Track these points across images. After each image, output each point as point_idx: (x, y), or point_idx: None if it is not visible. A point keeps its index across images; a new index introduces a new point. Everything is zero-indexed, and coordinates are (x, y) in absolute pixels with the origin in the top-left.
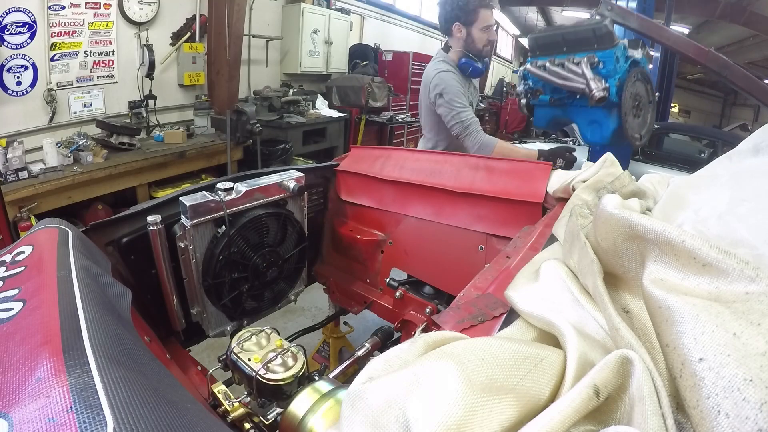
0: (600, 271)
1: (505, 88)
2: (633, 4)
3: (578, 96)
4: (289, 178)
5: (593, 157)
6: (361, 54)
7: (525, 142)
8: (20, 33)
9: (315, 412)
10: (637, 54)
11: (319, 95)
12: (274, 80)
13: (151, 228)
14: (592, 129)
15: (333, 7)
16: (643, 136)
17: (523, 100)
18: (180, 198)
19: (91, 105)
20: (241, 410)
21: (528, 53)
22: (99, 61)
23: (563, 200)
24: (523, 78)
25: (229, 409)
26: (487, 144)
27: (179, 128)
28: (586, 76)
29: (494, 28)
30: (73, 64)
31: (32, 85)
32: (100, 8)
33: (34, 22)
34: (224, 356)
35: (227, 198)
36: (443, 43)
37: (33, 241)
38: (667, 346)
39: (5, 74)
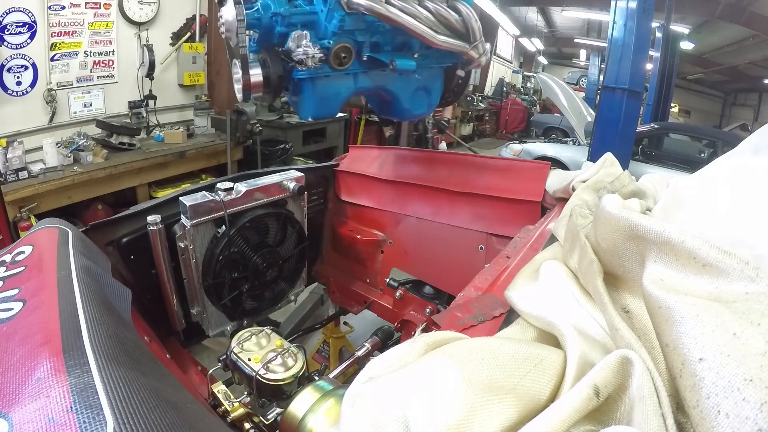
0: (600, 271)
1: (504, 88)
2: (633, 5)
3: (416, 55)
4: (289, 178)
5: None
6: None
7: (525, 143)
8: (20, 33)
9: (315, 412)
10: None
11: None
12: None
13: (151, 228)
14: (417, 98)
15: None
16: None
17: (257, 71)
18: (180, 198)
19: (91, 105)
20: (241, 410)
21: None
22: (99, 61)
23: (563, 200)
24: (285, 20)
25: (229, 409)
26: None
27: (179, 128)
28: (474, 27)
29: None
30: (73, 64)
31: (32, 85)
32: (100, 8)
33: (34, 22)
34: (224, 356)
35: (227, 198)
36: None
37: (33, 241)
38: (667, 346)
39: (5, 74)
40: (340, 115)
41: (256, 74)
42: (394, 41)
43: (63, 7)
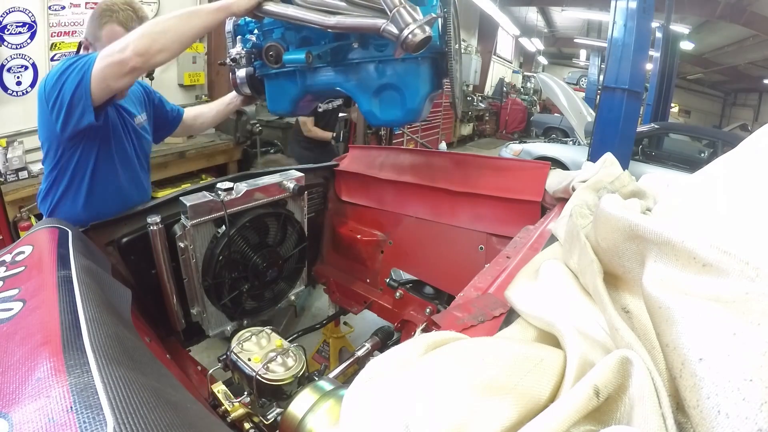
0: (600, 271)
1: (505, 88)
2: (633, 5)
3: (356, 45)
4: (289, 178)
5: (593, 157)
6: None
7: (525, 143)
8: (20, 33)
9: (315, 412)
10: None
11: None
12: None
13: (151, 228)
14: (385, 102)
15: None
16: (459, 103)
17: (242, 72)
18: (180, 198)
19: None
20: (241, 410)
21: None
22: None
23: (563, 200)
24: (239, 31)
25: (229, 409)
26: None
27: None
28: (389, 2)
29: None
30: None
31: (32, 85)
32: None
33: (34, 22)
34: (224, 356)
35: (227, 198)
36: None
37: (33, 241)
38: (667, 346)
39: (5, 74)
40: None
41: (241, 74)
42: (326, 34)
43: (63, 7)
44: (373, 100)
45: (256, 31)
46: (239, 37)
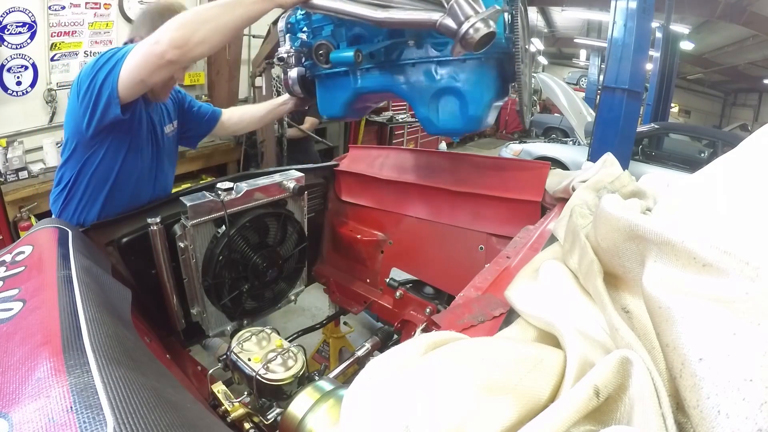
0: (600, 271)
1: None
2: (633, 5)
3: (412, 43)
4: (289, 178)
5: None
6: None
7: (525, 143)
8: (20, 33)
9: (315, 412)
10: None
11: None
12: None
13: (151, 228)
14: (445, 108)
15: None
16: (527, 111)
17: (293, 73)
18: (180, 198)
19: None
20: (241, 410)
21: None
22: None
23: (563, 200)
24: (291, 29)
25: (229, 409)
26: None
27: None
28: None
29: None
30: (73, 64)
31: (32, 85)
32: (100, 8)
33: (34, 22)
34: (224, 356)
35: (227, 198)
36: None
37: (33, 241)
38: (667, 346)
39: (5, 74)
40: None
41: (294, 75)
42: (380, 31)
43: (63, 7)
44: (430, 106)
45: (305, 29)
46: (288, 35)
